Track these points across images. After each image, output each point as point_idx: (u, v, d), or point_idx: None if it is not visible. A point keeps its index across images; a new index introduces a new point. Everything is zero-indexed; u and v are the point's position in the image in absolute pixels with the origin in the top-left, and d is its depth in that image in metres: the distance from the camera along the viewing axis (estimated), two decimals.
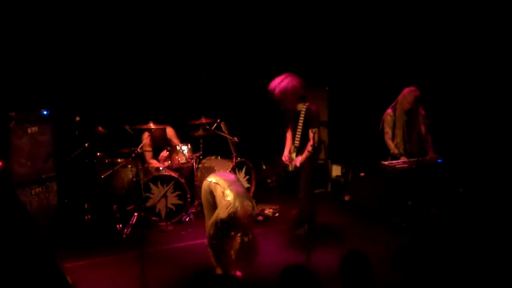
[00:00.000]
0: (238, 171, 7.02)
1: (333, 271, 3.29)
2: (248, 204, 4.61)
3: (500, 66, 6.68)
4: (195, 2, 7.86)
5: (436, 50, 7.25)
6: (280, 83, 5.67)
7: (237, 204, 4.52)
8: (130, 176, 6.47)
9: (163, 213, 6.41)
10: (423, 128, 6.11)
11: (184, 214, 6.56)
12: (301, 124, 5.77)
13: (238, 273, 4.78)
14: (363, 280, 3.12)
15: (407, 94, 5.99)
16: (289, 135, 6.06)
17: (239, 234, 4.57)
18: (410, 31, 7.42)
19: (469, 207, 6.05)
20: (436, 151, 6.08)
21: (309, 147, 5.53)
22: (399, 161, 5.96)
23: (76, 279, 4.52)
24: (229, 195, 4.60)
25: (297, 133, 5.82)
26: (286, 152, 5.98)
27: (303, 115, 5.75)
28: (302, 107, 5.77)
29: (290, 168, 5.91)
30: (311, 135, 5.40)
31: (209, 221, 4.75)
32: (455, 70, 7.04)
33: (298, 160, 5.76)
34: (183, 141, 6.95)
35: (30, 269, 2.61)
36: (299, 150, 5.80)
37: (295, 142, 5.83)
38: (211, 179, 4.87)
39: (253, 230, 4.76)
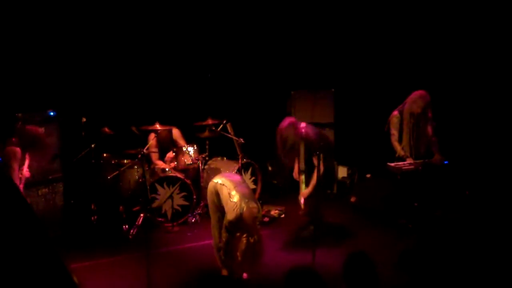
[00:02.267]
0: (244, 172, 7.02)
1: (338, 272, 3.28)
2: (253, 206, 4.59)
3: (506, 67, 6.65)
4: (201, 3, 7.87)
5: (442, 52, 7.22)
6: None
7: (242, 205, 4.51)
8: (136, 177, 6.48)
9: (169, 214, 6.41)
10: (429, 130, 6.09)
11: (190, 215, 6.56)
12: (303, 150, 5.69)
13: (244, 275, 4.78)
14: (367, 281, 3.11)
15: (418, 98, 5.93)
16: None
17: (244, 235, 4.56)
18: (416, 33, 7.40)
19: (475, 209, 6.02)
20: (442, 153, 6.05)
21: (314, 179, 5.48)
22: (405, 162, 5.94)
23: (82, 279, 4.53)
24: (235, 196, 4.59)
25: (301, 159, 5.76)
26: (296, 170, 5.93)
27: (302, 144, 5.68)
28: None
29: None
30: (315, 161, 5.33)
31: (220, 223, 4.76)
32: (462, 72, 7.02)
33: (306, 193, 5.70)
34: (189, 142, 6.94)
35: (36, 270, 2.61)
36: (307, 177, 5.72)
37: (301, 165, 5.77)
38: (217, 180, 4.87)
39: (259, 231, 4.75)
